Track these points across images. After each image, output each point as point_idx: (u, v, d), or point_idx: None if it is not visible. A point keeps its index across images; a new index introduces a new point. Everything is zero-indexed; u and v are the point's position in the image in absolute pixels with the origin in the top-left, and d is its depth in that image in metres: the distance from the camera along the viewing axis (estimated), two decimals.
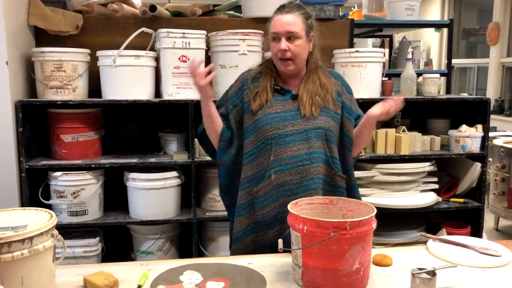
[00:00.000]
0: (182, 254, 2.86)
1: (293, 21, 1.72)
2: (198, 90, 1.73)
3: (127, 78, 2.56)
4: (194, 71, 1.68)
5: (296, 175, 1.71)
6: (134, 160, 2.65)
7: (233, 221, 1.84)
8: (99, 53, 2.60)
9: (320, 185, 1.73)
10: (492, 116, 4.32)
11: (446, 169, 3.19)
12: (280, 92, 1.79)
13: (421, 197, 2.94)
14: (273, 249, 1.61)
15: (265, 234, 1.76)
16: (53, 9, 2.71)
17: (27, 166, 2.51)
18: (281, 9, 1.76)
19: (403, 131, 2.94)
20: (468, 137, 2.89)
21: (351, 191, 1.85)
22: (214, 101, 1.82)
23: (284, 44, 1.70)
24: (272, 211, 1.73)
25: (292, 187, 1.71)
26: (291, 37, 1.71)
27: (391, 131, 2.88)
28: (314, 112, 1.73)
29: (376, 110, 1.71)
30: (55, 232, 1.33)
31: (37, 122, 2.66)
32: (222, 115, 1.83)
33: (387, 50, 4.25)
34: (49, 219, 1.31)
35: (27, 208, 1.42)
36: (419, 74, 3.14)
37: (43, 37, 2.74)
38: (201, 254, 2.79)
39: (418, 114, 3.26)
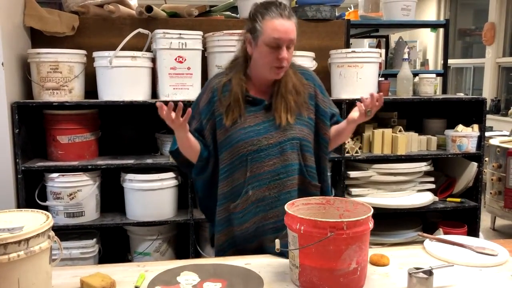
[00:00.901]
0: (179, 255, 2.86)
1: (293, 28, 1.61)
2: (175, 128, 1.59)
3: (124, 79, 2.55)
4: (169, 116, 1.53)
5: (274, 189, 1.67)
6: (131, 161, 2.64)
7: (212, 230, 1.82)
8: (95, 54, 2.60)
9: (297, 197, 1.67)
10: (488, 116, 4.33)
11: (443, 169, 3.20)
12: (252, 103, 1.69)
13: (418, 197, 2.95)
14: None
15: (244, 248, 1.73)
16: (49, 10, 2.70)
17: (23, 168, 2.50)
18: (280, 11, 1.60)
19: (400, 131, 2.95)
20: (465, 137, 2.90)
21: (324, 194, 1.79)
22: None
23: (286, 53, 1.60)
24: (251, 226, 1.70)
25: (271, 201, 1.67)
26: (290, 45, 1.61)
27: (388, 131, 2.88)
28: (290, 119, 1.67)
29: (354, 114, 1.69)
30: (52, 233, 1.32)
31: (33, 124, 2.65)
32: (196, 131, 1.72)
33: (383, 51, 4.25)
34: (46, 221, 1.30)
35: (23, 209, 1.42)
36: (415, 74, 3.14)
37: (39, 38, 2.73)
38: (198, 255, 2.78)
39: (414, 114, 3.27)
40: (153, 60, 2.67)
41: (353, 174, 2.87)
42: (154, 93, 2.72)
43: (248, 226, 1.70)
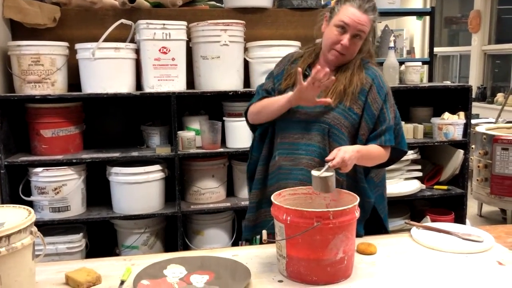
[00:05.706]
0: (168, 248, 2.84)
1: (366, 23, 1.67)
2: (299, 96, 1.63)
3: (107, 71, 2.52)
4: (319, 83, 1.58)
5: (289, 162, 1.72)
6: (116, 154, 2.61)
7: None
8: (77, 46, 2.55)
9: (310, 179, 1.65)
10: (474, 104, 4.36)
11: (430, 157, 3.21)
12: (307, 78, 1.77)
13: (405, 185, 2.96)
14: None
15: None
16: (29, 1, 2.64)
17: (6, 163, 2.46)
18: (361, 3, 1.67)
19: None
20: (451, 124, 2.91)
21: (357, 186, 1.74)
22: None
23: (348, 40, 1.65)
24: (273, 191, 1.67)
25: (285, 172, 1.73)
26: (357, 36, 1.66)
27: None
28: (332, 103, 1.65)
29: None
30: (34, 229, 1.30)
31: (16, 118, 2.60)
32: (266, 91, 1.83)
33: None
34: (27, 216, 1.28)
35: (4, 205, 1.39)
36: (401, 63, 3.14)
37: (19, 30, 2.68)
38: (186, 248, 2.77)
39: (400, 102, 3.20)
40: (137, 51, 2.63)
41: None
42: (139, 85, 2.68)
43: (272, 190, 1.69)
